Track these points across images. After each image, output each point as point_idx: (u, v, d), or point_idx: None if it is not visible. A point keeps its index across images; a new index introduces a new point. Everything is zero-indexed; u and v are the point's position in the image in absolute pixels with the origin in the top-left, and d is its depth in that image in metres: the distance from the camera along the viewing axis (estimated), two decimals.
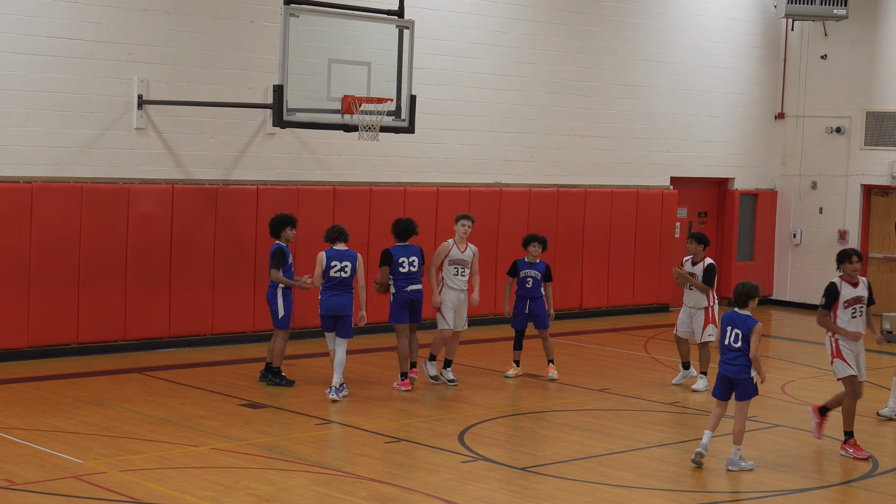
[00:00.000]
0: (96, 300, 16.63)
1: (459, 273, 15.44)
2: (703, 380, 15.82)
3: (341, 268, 14.36)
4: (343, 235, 14.54)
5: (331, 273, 14.35)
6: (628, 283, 22.91)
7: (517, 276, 16.29)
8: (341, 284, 14.39)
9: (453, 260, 15.42)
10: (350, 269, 14.37)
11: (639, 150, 23.14)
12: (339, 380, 14.34)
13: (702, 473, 11.87)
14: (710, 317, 15.84)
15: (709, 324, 15.82)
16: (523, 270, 16.25)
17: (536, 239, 16.28)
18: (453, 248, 15.48)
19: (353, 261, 14.41)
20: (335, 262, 14.36)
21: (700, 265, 15.96)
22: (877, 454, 12.67)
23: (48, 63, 16.26)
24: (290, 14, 15.24)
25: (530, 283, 16.22)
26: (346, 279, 14.38)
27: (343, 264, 14.36)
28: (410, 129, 16.56)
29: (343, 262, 14.37)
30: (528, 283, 16.23)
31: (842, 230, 24.63)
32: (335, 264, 14.36)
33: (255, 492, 10.50)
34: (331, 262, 14.36)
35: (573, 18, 21.91)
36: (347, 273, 14.36)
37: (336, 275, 14.35)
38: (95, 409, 13.53)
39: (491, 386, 15.75)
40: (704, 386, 15.72)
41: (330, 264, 14.36)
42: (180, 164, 17.53)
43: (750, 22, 24.75)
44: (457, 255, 15.43)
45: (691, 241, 16.10)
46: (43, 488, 10.32)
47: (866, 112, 24.25)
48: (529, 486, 11.02)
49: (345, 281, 14.39)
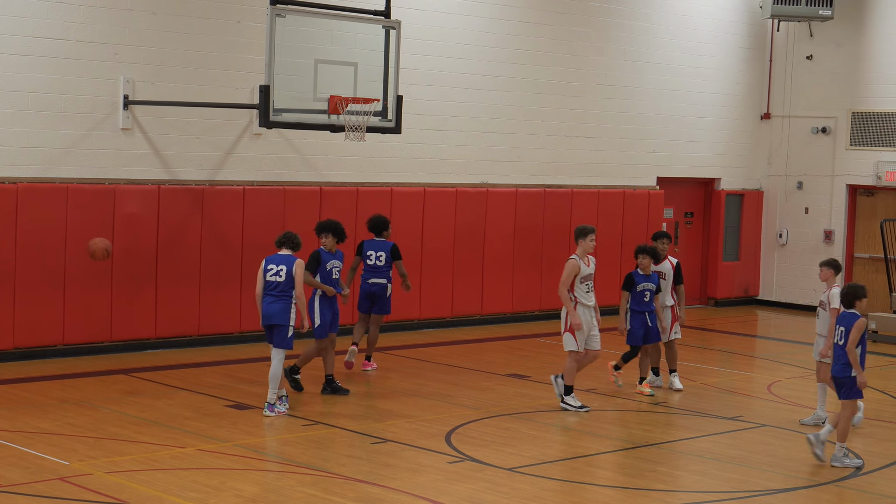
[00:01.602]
0: (82, 301, 16.59)
1: (590, 289, 14.44)
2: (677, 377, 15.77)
3: (276, 272, 13.62)
4: (289, 242, 13.83)
5: (267, 277, 13.67)
6: (615, 283, 22.86)
7: (633, 290, 15.46)
8: (277, 290, 13.61)
9: (583, 277, 14.33)
10: (285, 274, 13.59)
11: (625, 150, 23.17)
12: (273, 395, 13.55)
13: (688, 474, 11.88)
14: (676, 315, 15.73)
15: (676, 321, 15.72)
16: (640, 284, 15.45)
17: (645, 251, 15.52)
18: (581, 264, 14.35)
19: (289, 265, 13.65)
20: (272, 266, 13.67)
21: (666, 263, 15.74)
22: (864, 454, 12.69)
23: (33, 63, 16.22)
24: (277, 14, 15.23)
25: (648, 296, 15.47)
26: (281, 284, 13.58)
27: (279, 268, 13.63)
28: (397, 129, 16.56)
29: (279, 265, 13.65)
30: (645, 297, 15.46)
31: (827, 230, 24.69)
32: (271, 268, 13.66)
33: (241, 493, 10.48)
34: (268, 266, 13.71)
35: (559, 19, 21.92)
36: (282, 278, 13.58)
37: (272, 279, 13.61)
38: (81, 410, 13.49)
39: (477, 386, 15.75)
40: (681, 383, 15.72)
41: (267, 267, 13.72)
42: (166, 164, 17.49)
43: (736, 22, 24.80)
44: (585, 271, 14.36)
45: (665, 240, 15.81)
46: (28, 490, 10.28)
47: (852, 112, 24.31)
48: (516, 487, 11.01)
49: (280, 287, 13.60)
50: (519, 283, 21.30)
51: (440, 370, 16.79)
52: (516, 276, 21.21)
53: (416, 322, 20.18)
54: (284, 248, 13.82)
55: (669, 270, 15.76)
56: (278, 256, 13.74)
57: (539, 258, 21.69)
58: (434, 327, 20.33)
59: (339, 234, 14.91)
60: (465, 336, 19.70)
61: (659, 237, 15.96)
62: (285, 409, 13.63)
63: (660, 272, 15.67)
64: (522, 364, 17.33)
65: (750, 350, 20.37)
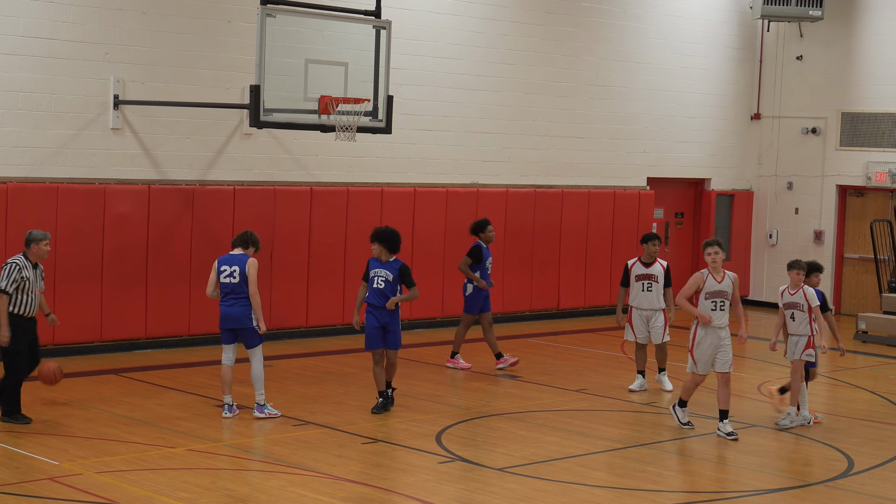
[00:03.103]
0: (72, 301, 16.56)
1: (718, 307, 13.32)
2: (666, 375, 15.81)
3: (230, 273, 13.22)
4: (244, 241, 13.41)
5: (221, 279, 13.30)
6: (605, 283, 22.93)
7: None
8: (233, 293, 13.23)
9: (710, 293, 13.35)
10: (238, 274, 13.19)
11: (616, 150, 23.19)
12: (261, 396, 13.39)
13: (679, 474, 11.90)
14: (668, 318, 15.69)
15: (667, 324, 15.67)
16: None
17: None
18: (708, 278, 13.43)
19: (242, 265, 13.23)
20: (225, 267, 13.28)
21: (657, 265, 15.71)
22: (852, 454, 12.73)
23: (23, 63, 16.19)
24: (267, 14, 15.22)
25: None
26: (235, 286, 13.21)
27: (232, 269, 13.23)
28: (387, 129, 16.56)
29: (232, 266, 13.25)
30: None
31: (817, 231, 24.73)
32: (224, 269, 13.27)
33: (231, 493, 10.48)
34: (220, 268, 13.32)
35: (550, 19, 21.94)
36: (236, 279, 13.18)
37: (225, 280, 13.24)
38: (71, 410, 13.47)
39: (468, 387, 15.76)
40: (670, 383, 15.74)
41: (220, 268, 13.34)
42: (157, 164, 17.47)
43: (726, 23, 24.83)
44: (713, 287, 13.40)
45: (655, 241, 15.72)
46: (18, 490, 10.27)
47: (842, 113, 24.36)
48: (506, 487, 11.02)
49: (236, 288, 13.22)
50: (509, 283, 21.30)
51: (430, 370, 16.80)
52: (507, 276, 21.20)
53: (407, 322, 20.16)
54: (238, 248, 13.47)
55: (660, 273, 15.71)
56: (231, 257, 13.38)
57: (530, 258, 21.70)
58: (425, 327, 20.33)
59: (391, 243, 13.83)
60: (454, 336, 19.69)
61: (649, 239, 15.89)
62: (278, 413, 13.49)
63: (651, 275, 15.64)
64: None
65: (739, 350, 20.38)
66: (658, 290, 15.65)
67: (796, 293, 13.87)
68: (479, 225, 16.92)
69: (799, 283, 13.89)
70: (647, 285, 15.62)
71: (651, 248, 15.72)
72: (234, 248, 13.54)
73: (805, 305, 13.78)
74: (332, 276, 18.97)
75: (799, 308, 13.84)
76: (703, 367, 13.31)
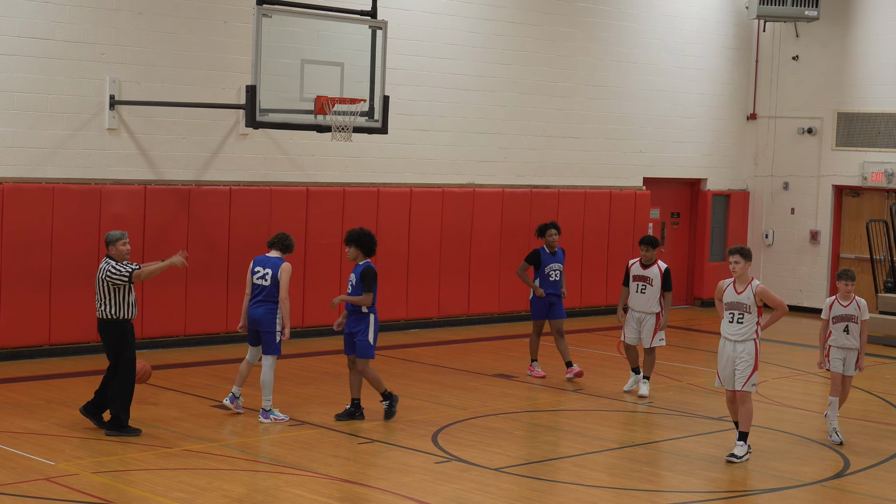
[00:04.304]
0: (68, 301, 16.55)
1: (735, 320, 12.41)
2: (647, 384, 15.43)
3: (262, 275, 13.25)
4: (280, 244, 13.45)
5: (254, 280, 13.35)
6: (601, 283, 22.95)
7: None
8: (262, 294, 13.27)
9: (727, 303, 12.48)
10: (270, 278, 13.21)
11: (612, 150, 23.19)
12: (268, 402, 13.33)
13: (675, 474, 11.90)
14: (659, 323, 15.48)
15: (659, 329, 15.48)
16: None
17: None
18: (728, 288, 12.57)
19: (275, 269, 13.25)
20: (258, 269, 13.34)
21: (654, 268, 15.50)
22: (848, 454, 12.73)
23: (19, 63, 16.18)
24: (263, 14, 15.22)
25: None
26: (266, 288, 13.23)
27: (265, 271, 13.26)
28: (383, 129, 16.55)
29: (265, 268, 13.29)
30: None
31: (813, 231, 24.75)
32: (258, 270, 13.33)
33: (228, 493, 10.47)
34: (255, 268, 13.39)
35: (546, 19, 21.94)
36: (268, 282, 13.20)
37: (258, 282, 13.29)
38: (68, 410, 13.46)
39: (464, 386, 15.76)
40: (648, 391, 15.40)
41: (254, 269, 13.41)
42: (153, 164, 17.47)
43: (722, 23, 24.84)
44: (731, 297, 12.49)
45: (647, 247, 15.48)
46: (14, 490, 10.26)
47: (838, 113, 24.38)
48: (503, 487, 11.02)
49: (266, 290, 13.25)
50: (506, 283, 21.29)
51: (427, 370, 16.80)
52: (503, 276, 21.20)
53: (403, 322, 20.18)
54: (274, 250, 13.51)
55: (657, 275, 15.46)
56: (266, 258, 13.44)
57: None
58: (420, 328, 20.33)
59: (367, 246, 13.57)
60: (451, 336, 19.70)
61: (641, 244, 15.57)
62: (285, 417, 13.38)
63: (646, 277, 15.54)
64: (509, 364, 17.34)
65: None
66: (652, 293, 15.42)
67: (849, 304, 13.36)
68: (541, 229, 16.49)
69: (849, 293, 13.36)
70: (642, 287, 15.48)
71: (644, 253, 15.54)
72: (270, 248, 13.53)
73: (859, 318, 13.36)
74: (328, 276, 18.95)
75: (853, 320, 13.35)
76: (723, 381, 12.50)
